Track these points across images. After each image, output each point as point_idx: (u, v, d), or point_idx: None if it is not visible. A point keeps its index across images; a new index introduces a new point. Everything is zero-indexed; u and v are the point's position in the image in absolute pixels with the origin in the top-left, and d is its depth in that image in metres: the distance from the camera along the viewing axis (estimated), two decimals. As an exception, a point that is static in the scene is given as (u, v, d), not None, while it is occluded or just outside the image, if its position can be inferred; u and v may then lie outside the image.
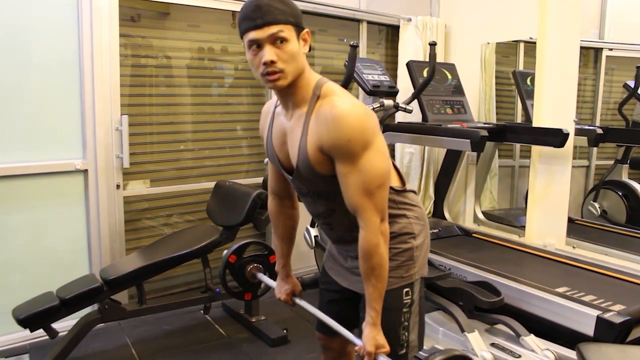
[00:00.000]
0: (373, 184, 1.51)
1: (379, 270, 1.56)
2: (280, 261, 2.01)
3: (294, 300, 2.03)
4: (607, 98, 5.87)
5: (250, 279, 2.34)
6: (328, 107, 1.50)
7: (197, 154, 3.73)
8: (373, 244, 1.54)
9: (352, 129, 1.46)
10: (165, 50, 3.53)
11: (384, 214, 1.56)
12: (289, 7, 1.50)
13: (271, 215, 1.98)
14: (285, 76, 1.50)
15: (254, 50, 1.50)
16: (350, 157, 1.49)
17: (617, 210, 5.07)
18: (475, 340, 2.74)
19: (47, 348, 2.89)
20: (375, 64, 3.69)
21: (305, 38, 1.55)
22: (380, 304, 1.59)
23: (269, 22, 1.46)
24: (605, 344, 2.14)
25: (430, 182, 4.45)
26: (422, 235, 1.77)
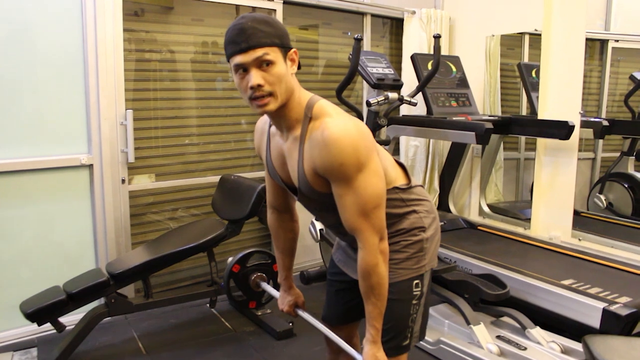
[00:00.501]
0: (369, 206, 1.50)
1: (378, 289, 1.56)
2: (283, 273, 2.01)
3: (296, 312, 2.04)
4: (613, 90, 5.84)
5: (254, 287, 2.36)
6: (320, 131, 1.47)
7: (202, 148, 3.73)
8: (372, 264, 1.54)
9: (344, 152, 1.44)
10: (169, 44, 3.53)
11: (382, 233, 1.55)
12: (274, 28, 1.47)
13: (271, 229, 1.97)
14: (274, 99, 1.48)
15: (241, 74, 1.47)
16: (345, 180, 1.48)
17: (623, 203, 5.05)
18: (480, 333, 2.75)
19: (55, 342, 2.92)
20: (380, 57, 3.68)
21: (292, 58, 1.52)
22: (380, 322, 1.60)
23: (254, 46, 1.43)
24: (611, 336, 2.14)
25: (435, 175, 4.44)
26: (433, 228, 1.77)
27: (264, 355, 2.92)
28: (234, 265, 2.30)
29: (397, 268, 1.70)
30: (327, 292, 2.01)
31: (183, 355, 2.94)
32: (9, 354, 2.90)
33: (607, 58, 5.68)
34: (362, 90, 4.39)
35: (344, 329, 1.99)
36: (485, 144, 4.20)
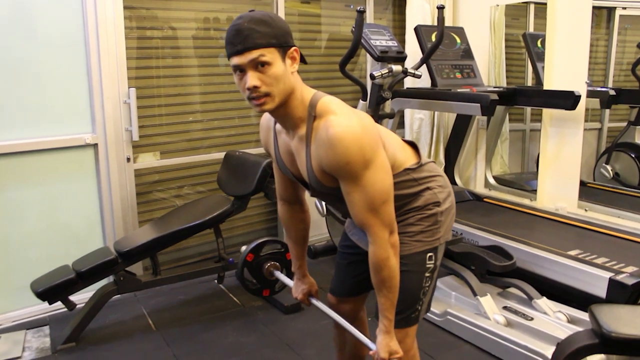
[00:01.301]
0: (377, 201, 1.51)
1: (389, 282, 1.58)
2: (296, 263, 2.03)
3: (310, 300, 2.06)
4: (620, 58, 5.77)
5: (267, 276, 2.40)
6: (324, 130, 1.47)
7: (206, 125, 3.72)
8: (383, 258, 1.56)
9: (349, 151, 1.44)
10: (170, 21, 3.49)
11: (392, 227, 1.57)
12: (271, 28, 1.45)
13: (282, 220, 1.99)
14: (271, 99, 1.47)
15: (239, 74, 1.47)
16: (352, 177, 1.49)
17: (629, 173, 5.03)
18: (487, 304, 2.77)
19: (66, 320, 2.96)
20: (383, 29, 3.64)
21: (293, 56, 1.51)
22: (392, 313, 1.62)
23: (249, 47, 1.42)
24: (617, 305, 2.14)
25: (441, 148, 4.42)
26: (448, 202, 1.78)
27: (272, 330, 2.95)
28: (247, 254, 2.32)
29: (411, 240, 1.71)
30: (338, 264, 2.03)
31: (192, 330, 2.98)
32: (22, 332, 2.94)
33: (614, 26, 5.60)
34: (366, 64, 4.35)
35: (351, 302, 2.01)
36: (490, 116, 4.19)
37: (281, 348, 2.78)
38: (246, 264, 2.35)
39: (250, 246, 2.36)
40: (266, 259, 2.38)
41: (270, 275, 2.38)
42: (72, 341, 2.82)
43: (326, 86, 4.19)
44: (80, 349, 2.79)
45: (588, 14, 3.48)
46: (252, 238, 4.00)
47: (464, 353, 2.70)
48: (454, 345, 2.77)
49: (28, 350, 2.78)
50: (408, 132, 4.36)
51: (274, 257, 2.39)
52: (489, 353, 2.64)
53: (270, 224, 4.13)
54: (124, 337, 2.92)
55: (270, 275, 2.38)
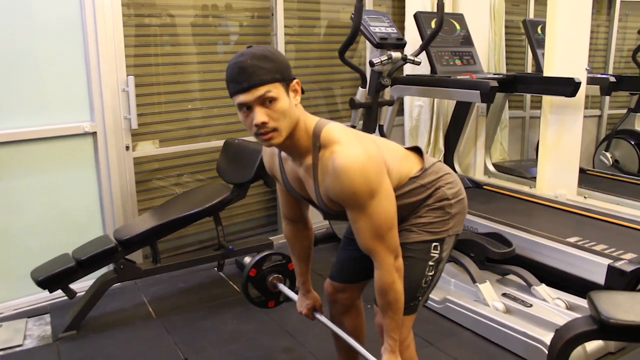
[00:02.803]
0: (383, 228, 1.55)
1: (395, 305, 1.62)
2: (301, 279, 2.07)
3: (314, 315, 2.09)
4: (621, 45, 5.76)
5: (271, 289, 2.43)
6: (330, 161, 1.50)
7: (205, 113, 3.71)
8: (389, 283, 1.59)
9: (355, 182, 1.47)
10: (168, 8, 3.47)
11: (397, 252, 1.60)
12: (274, 63, 1.45)
13: (288, 239, 2.02)
14: (279, 134, 1.48)
15: (245, 111, 1.48)
16: (358, 206, 1.52)
17: (629, 160, 5.04)
18: (486, 291, 2.78)
19: (67, 308, 2.97)
20: (382, 16, 3.61)
21: (295, 89, 1.52)
22: (397, 333, 1.66)
23: (256, 84, 1.43)
24: (616, 292, 2.16)
25: (440, 135, 4.42)
26: (458, 196, 1.79)
27: (272, 317, 2.96)
28: (250, 270, 2.36)
29: (418, 230, 1.74)
30: (341, 250, 2.04)
31: (193, 318, 2.99)
32: (23, 320, 2.95)
33: (615, 12, 5.58)
34: (365, 51, 4.33)
35: (349, 290, 2.02)
36: (490, 103, 4.18)
37: (281, 335, 2.80)
38: (250, 279, 2.39)
39: (253, 261, 2.39)
40: (269, 272, 2.41)
41: (274, 287, 2.42)
42: (73, 329, 2.83)
43: (325, 73, 4.18)
44: (81, 337, 2.80)
45: (589, 0, 3.46)
46: (252, 226, 4.04)
47: (463, 340, 2.71)
48: (453, 332, 2.78)
49: (29, 339, 2.79)
50: (407, 120, 4.35)
51: (277, 270, 2.43)
52: (488, 340, 2.66)
53: (270, 212, 4.13)
54: (124, 324, 2.93)
55: (274, 288, 2.42)
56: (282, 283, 2.42)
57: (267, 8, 3.82)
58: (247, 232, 4.02)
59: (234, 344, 2.72)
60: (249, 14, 3.80)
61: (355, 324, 2.09)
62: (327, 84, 4.23)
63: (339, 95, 4.27)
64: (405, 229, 1.73)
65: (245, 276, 2.39)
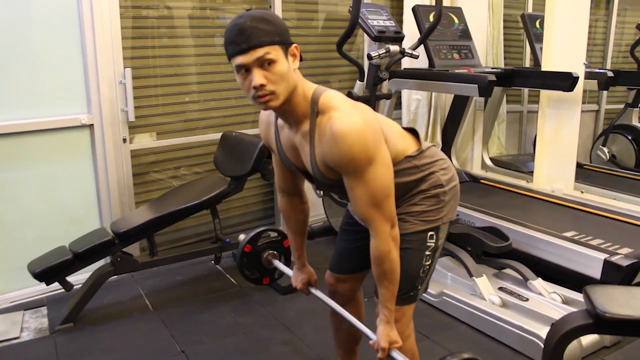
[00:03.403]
0: (380, 196, 1.54)
1: (390, 274, 1.62)
2: (296, 253, 2.05)
3: (309, 290, 2.09)
4: (619, 40, 5.75)
5: (266, 265, 2.41)
6: (328, 127, 1.49)
7: (202, 106, 3.70)
8: (385, 251, 1.58)
9: (353, 147, 1.46)
10: (166, 0, 3.45)
11: (393, 221, 1.59)
12: (273, 25, 1.45)
13: (282, 212, 2.01)
14: (276, 97, 1.48)
15: (243, 74, 1.47)
16: (355, 173, 1.51)
17: (626, 155, 5.05)
18: (483, 285, 2.78)
19: (64, 300, 2.96)
20: (381, 9, 3.60)
21: (294, 53, 1.51)
22: (393, 303, 1.65)
23: (255, 46, 1.42)
24: (612, 286, 2.16)
25: (438, 129, 4.41)
26: (452, 183, 1.80)
27: (269, 310, 2.97)
28: (245, 245, 2.34)
29: (413, 219, 1.74)
30: (339, 241, 2.04)
31: (190, 311, 2.99)
32: (20, 312, 2.95)
33: (613, 7, 5.58)
34: (363, 44, 4.32)
35: (349, 281, 2.03)
36: (487, 97, 4.15)
37: (278, 328, 2.80)
38: (244, 254, 2.37)
39: (248, 237, 2.37)
40: (264, 248, 2.40)
41: (269, 264, 2.40)
42: (70, 322, 2.83)
43: (323, 66, 4.17)
44: (78, 330, 2.80)
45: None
46: (249, 219, 4.04)
47: (460, 333, 2.72)
48: (450, 325, 2.79)
49: (26, 331, 2.79)
50: (405, 113, 4.34)
51: (272, 246, 2.41)
52: (484, 333, 2.67)
53: (267, 205, 4.13)
54: (121, 317, 2.93)
55: (269, 264, 2.41)
56: (277, 259, 2.41)
57: (265, 0, 3.80)
58: (244, 225, 4.01)
59: (231, 337, 2.73)
60: (246, 5, 3.78)
61: (355, 314, 2.10)
62: (325, 77, 4.22)
63: (337, 89, 4.24)
64: (401, 219, 1.72)
65: (240, 251, 2.37)
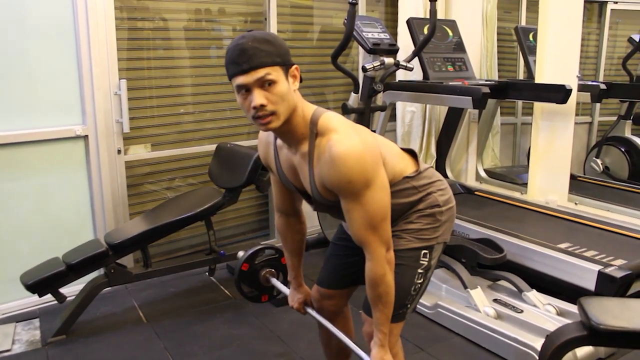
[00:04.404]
0: (376, 219, 1.54)
1: (385, 297, 1.61)
2: (292, 272, 2.06)
3: (305, 309, 2.08)
4: (611, 53, 5.80)
5: (264, 283, 2.41)
6: (327, 149, 1.50)
7: (197, 117, 3.71)
8: (380, 275, 1.58)
9: (351, 170, 1.47)
10: (161, 12, 3.47)
11: (389, 244, 1.60)
12: (274, 46, 1.46)
13: (280, 232, 2.02)
14: (277, 118, 1.48)
15: (243, 94, 1.47)
16: (353, 195, 1.51)
17: (619, 167, 5.07)
18: (478, 297, 2.78)
19: (57, 312, 2.94)
20: (375, 21, 3.63)
21: (294, 74, 1.52)
22: (387, 327, 1.65)
23: (256, 66, 1.43)
24: (606, 298, 2.16)
25: (432, 141, 4.43)
26: (449, 204, 1.80)
27: (263, 322, 2.96)
28: (242, 264, 2.34)
29: (408, 236, 1.74)
30: (329, 255, 2.04)
31: (183, 323, 2.97)
32: (12, 324, 2.93)
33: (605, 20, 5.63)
34: (358, 56, 4.34)
35: (336, 296, 2.02)
36: (482, 109, 4.19)
37: (272, 340, 2.79)
38: (242, 273, 2.37)
39: (245, 256, 2.37)
40: (262, 266, 2.40)
41: (266, 282, 2.40)
42: (63, 334, 2.81)
43: (318, 78, 4.19)
44: (71, 342, 2.78)
45: (580, 8, 3.49)
46: (244, 230, 4.03)
47: (454, 345, 2.71)
48: (445, 337, 2.78)
49: (18, 343, 2.77)
50: (400, 125, 4.36)
51: (270, 264, 2.41)
52: (479, 345, 2.66)
53: (262, 216, 4.12)
54: (114, 329, 2.91)
55: (266, 282, 2.41)
56: (274, 277, 2.40)
57: (260, 13, 3.82)
58: (238, 237, 4.01)
59: (225, 349, 2.71)
60: (242, 18, 3.81)
61: (343, 330, 2.09)
62: (320, 89, 4.24)
63: (332, 101, 4.27)
64: (396, 235, 1.72)
65: (237, 270, 2.37)
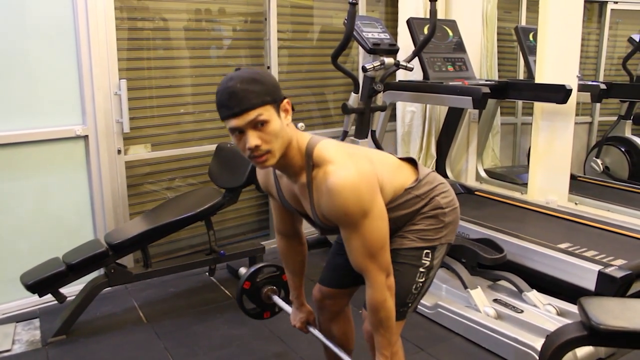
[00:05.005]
0: (375, 247, 1.56)
1: (386, 322, 1.64)
2: (294, 292, 2.08)
3: (307, 329, 2.10)
4: (611, 53, 5.80)
5: (266, 300, 2.43)
6: (323, 181, 1.51)
7: (197, 117, 3.71)
8: (380, 301, 1.61)
9: (348, 202, 1.48)
10: (161, 12, 3.47)
11: (388, 270, 1.61)
12: (263, 85, 1.45)
13: (281, 254, 2.03)
14: (272, 155, 1.49)
15: (237, 135, 1.48)
16: (351, 226, 1.53)
17: (619, 167, 5.07)
18: (478, 297, 2.78)
19: (57, 312, 2.94)
20: (375, 21, 3.63)
21: (286, 109, 1.52)
22: (389, 350, 1.67)
23: (247, 109, 1.42)
24: (606, 298, 2.16)
25: (432, 141, 4.43)
26: (452, 206, 1.81)
27: (263, 322, 2.93)
28: (244, 283, 2.37)
29: (411, 236, 1.75)
30: (331, 255, 2.05)
31: (183, 322, 2.97)
32: (12, 325, 2.93)
33: (605, 20, 5.63)
34: (358, 56, 4.34)
35: (338, 296, 2.03)
36: (482, 109, 4.19)
37: (272, 340, 2.79)
38: (244, 291, 2.39)
39: (246, 274, 2.39)
40: (263, 284, 2.42)
41: (268, 299, 2.43)
42: (63, 334, 2.81)
43: (318, 78, 4.19)
44: (71, 342, 2.78)
45: (580, 8, 3.49)
46: (244, 230, 4.03)
47: (455, 345, 2.71)
48: (445, 337, 2.78)
49: (18, 343, 2.77)
50: (400, 125, 4.36)
51: (271, 281, 2.43)
52: (479, 345, 2.66)
53: (262, 216, 4.12)
54: (115, 329, 2.91)
55: (268, 300, 2.44)
56: (276, 295, 2.43)
57: (260, 13, 3.82)
58: (238, 237, 4.01)
59: (225, 349, 2.71)
60: (242, 18, 3.80)
61: (344, 330, 2.10)
62: (320, 89, 4.24)
63: (332, 101, 4.28)
64: (399, 235, 1.74)
65: (239, 288, 2.40)
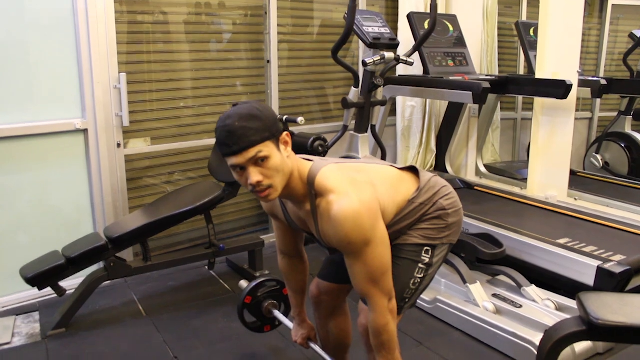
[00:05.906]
0: (377, 273, 1.58)
1: (389, 344, 1.66)
2: (296, 310, 2.11)
3: (309, 345, 2.13)
4: (612, 48, 5.80)
5: (267, 314, 2.46)
6: (326, 211, 1.54)
7: (197, 111, 3.70)
8: (382, 325, 1.63)
9: (350, 231, 1.51)
10: (161, 6, 3.46)
11: (390, 294, 1.64)
12: (261, 121, 1.45)
13: (283, 272, 2.05)
14: (275, 189, 1.51)
15: (238, 171, 1.49)
16: (354, 253, 1.56)
17: (619, 162, 5.07)
18: (477, 291, 2.79)
19: (56, 305, 2.95)
20: (376, 16, 3.62)
21: (285, 141, 1.53)
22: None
23: (246, 147, 1.43)
24: (605, 293, 2.16)
25: (432, 136, 4.43)
26: (455, 207, 1.82)
27: (263, 316, 2.96)
28: (245, 297, 2.40)
29: (414, 233, 1.77)
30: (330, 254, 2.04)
31: (183, 316, 2.98)
32: (12, 317, 2.93)
33: (606, 16, 5.62)
34: (358, 50, 4.33)
35: (335, 290, 2.04)
36: (482, 104, 4.19)
37: (271, 334, 2.78)
38: (245, 306, 2.43)
39: (247, 289, 2.41)
40: (264, 298, 2.44)
41: (269, 313, 2.46)
42: (62, 327, 2.81)
43: (318, 72, 4.18)
44: (71, 335, 2.78)
45: (581, 3, 3.48)
46: (244, 224, 4.03)
47: (453, 340, 2.72)
48: (444, 332, 2.79)
49: (18, 336, 2.77)
50: (400, 120, 4.35)
51: (272, 295, 2.45)
52: (478, 340, 2.67)
53: (261, 210, 4.12)
54: (114, 323, 2.92)
55: (269, 313, 2.47)
56: (276, 309, 2.47)
57: (261, 7, 3.81)
58: (238, 231, 4.01)
59: (224, 343, 2.72)
60: (242, 12, 3.79)
61: (341, 326, 2.11)
62: (320, 84, 4.23)
63: (332, 95, 4.27)
64: (403, 233, 1.76)
65: (240, 303, 2.43)
